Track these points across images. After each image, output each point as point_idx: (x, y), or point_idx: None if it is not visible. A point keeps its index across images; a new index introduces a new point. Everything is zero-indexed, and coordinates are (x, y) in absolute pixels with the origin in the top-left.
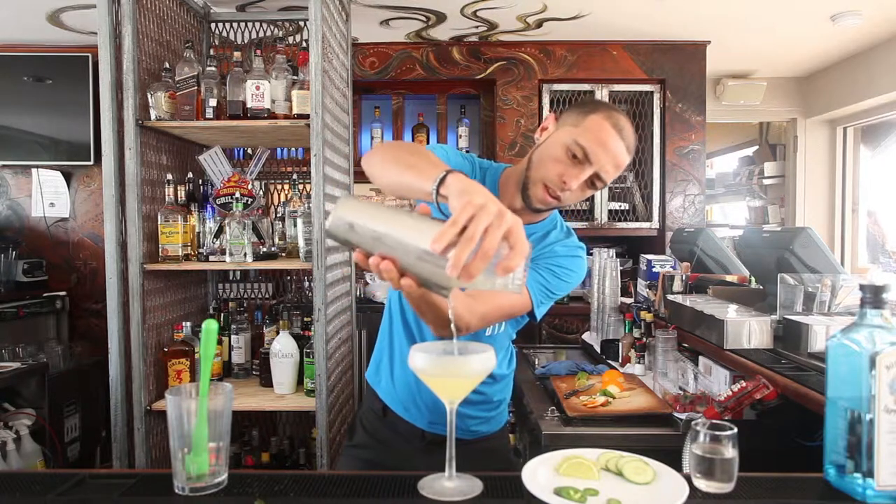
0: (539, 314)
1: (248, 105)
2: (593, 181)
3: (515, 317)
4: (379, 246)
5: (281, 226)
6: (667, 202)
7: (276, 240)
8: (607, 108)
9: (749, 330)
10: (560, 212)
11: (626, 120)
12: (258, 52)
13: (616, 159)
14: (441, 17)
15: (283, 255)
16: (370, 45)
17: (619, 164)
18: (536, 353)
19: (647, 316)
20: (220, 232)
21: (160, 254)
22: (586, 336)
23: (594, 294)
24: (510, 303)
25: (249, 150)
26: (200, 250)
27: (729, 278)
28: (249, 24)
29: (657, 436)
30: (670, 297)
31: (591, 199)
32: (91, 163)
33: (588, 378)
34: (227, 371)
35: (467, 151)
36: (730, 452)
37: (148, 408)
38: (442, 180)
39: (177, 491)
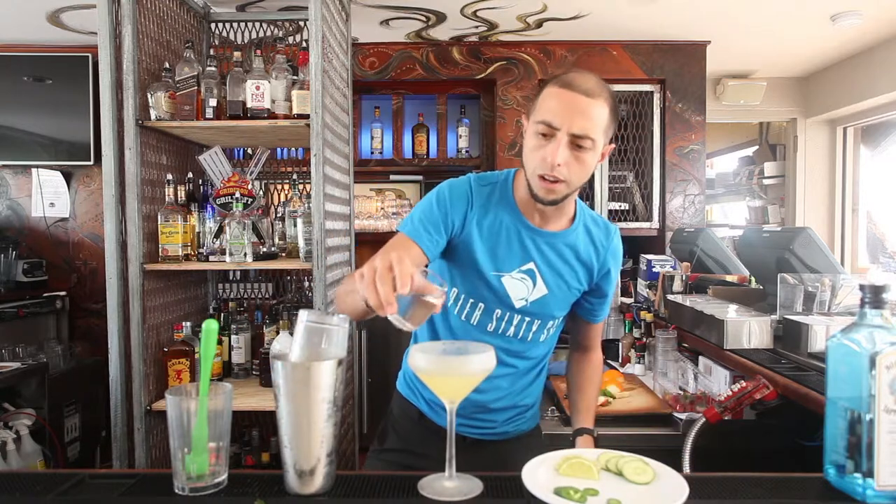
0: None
1: (248, 105)
2: (577, 144)
3: None
4: None
5: (281, 226)
6: (667, 202)
7: (276, 240)
8: (555, 77)
9: (749, 330)
10: None
11: (576, 74)
12: (258, 52)
13: (580, 109)
14: (441, 17)
15: (283, 255)
16: (370, 45)
17: (588, 113)
18: None
19: (647, 316)
20: (220, 232)
21: (160, 254)
22: None
23: None
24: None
25: (249, 150)
26: (200, 250)
27: (729, 278)
28: (249, 24)
29: (657, 436)
30: (670, 297)
31: (591, 199)
32: (91, 163)
33: None
34: (227, 371)
35: (467, 152)
36: None
37: (148, 408)
38: None
39: (177, 491)
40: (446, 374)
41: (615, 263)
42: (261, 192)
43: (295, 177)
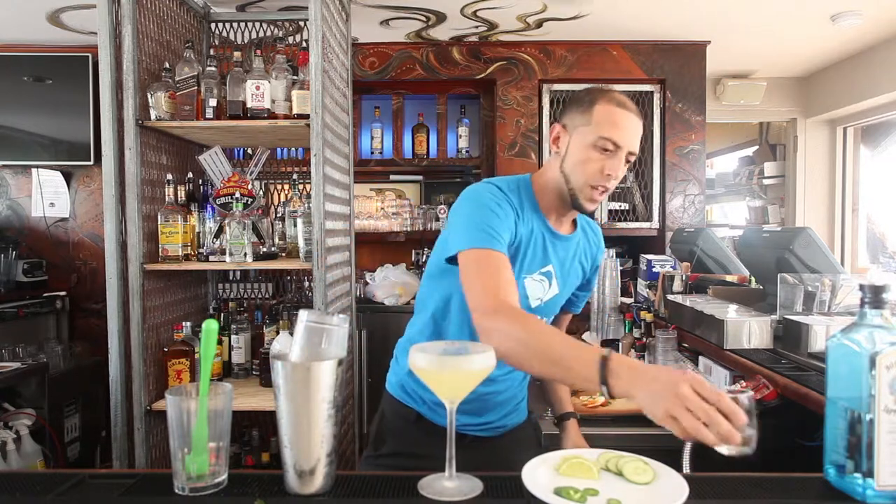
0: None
1: (248, 105)
2: (627, 160)
3: None
4: None
5: (281, 226)
6: (667, 202)
7: (276, 240)
8: (601, 92)
9: (749, 330)
10: None
11: (619, 94)
12: (258, 52)
13: (637, 131)
14: (441, 17)
15: (283, 255)
16: (370, 45)
17: (640, 133)
18: None
19: (647, 316)
20: (220, 232)
21: (160, 254)
22: (586, 336)
23: (594, 294)
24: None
25: (249, 150)
26: (200, 250)
27: (729, 278)
28: (249, 24)
29: (657, 436)
30: (670, 297)
31: None
32: (91, 163)
33: None
34: (227, 371)
35: (467, 152)
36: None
37: (148, 408)
38: (603, 370)
39: (177, 491)
40: (447, 373)
41: (601, 257)
42: (261, 192)
43: (295, 177)
